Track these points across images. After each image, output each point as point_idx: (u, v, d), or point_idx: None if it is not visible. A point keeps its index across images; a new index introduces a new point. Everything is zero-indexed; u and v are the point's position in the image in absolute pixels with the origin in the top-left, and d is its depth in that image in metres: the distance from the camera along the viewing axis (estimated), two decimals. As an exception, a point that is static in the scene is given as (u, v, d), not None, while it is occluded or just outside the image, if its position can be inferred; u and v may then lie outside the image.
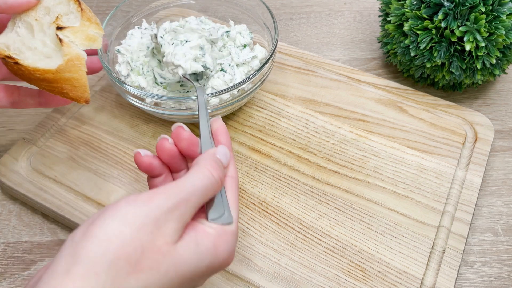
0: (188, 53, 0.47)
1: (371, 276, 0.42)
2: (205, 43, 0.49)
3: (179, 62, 0.46)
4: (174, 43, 0.48)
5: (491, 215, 0.49)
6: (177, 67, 0.47)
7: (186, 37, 0.48)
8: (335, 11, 0.72)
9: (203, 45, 0.49)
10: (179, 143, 0.35)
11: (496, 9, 0.48)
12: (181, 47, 0.47)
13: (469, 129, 0.52)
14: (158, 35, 0.49)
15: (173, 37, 0.48)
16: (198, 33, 0.49)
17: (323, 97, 0.56)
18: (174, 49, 0.47)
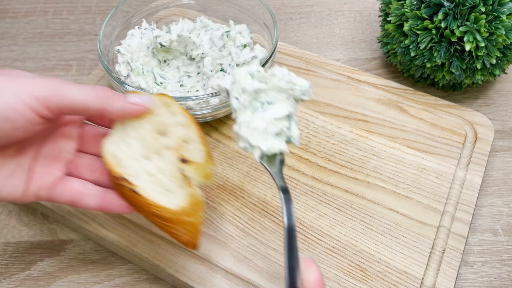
0: (270, 127, 0.35)
1: (371, 276, 0.42)
2: (293, 107, 0.36)
3: (257, 143, 0.34)
4: (253, 105, 0.35)
5: (491, 215, 0.49)
6: (253, 148, 0.34)
7: (269, 98, 0.35)
8: (335, 11, 0.72)
9: (291, 112, 0.36)
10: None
11: (496, 9, 0.48)
12: (262, 115, 0.35)
13: (469, 129, 0.52)
14: (232, 95, 0.35)
15: (253, 98, 0.35)
16: (287, 93, 0.36)
17: (323, 97, 0.55)
18: (252, 118, 0.34)
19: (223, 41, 0.53)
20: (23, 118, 0.31)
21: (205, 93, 0.50)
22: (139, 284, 0.44)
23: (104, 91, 0.34)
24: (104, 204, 0.36)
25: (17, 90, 0.31)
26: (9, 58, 0.65)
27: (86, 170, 0.38)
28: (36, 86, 0.31)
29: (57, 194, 0.36)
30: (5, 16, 0.71)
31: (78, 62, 0.64)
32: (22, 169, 0.35)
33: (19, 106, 0.30)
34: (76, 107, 0.32)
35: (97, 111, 0.34)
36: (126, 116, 0.36)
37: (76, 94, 0.32)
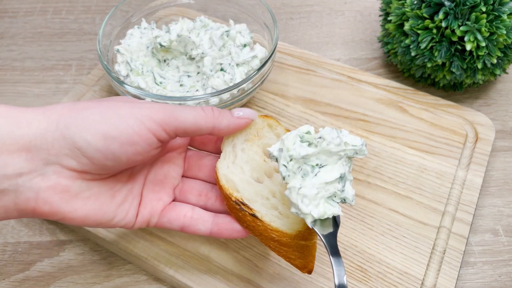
0: (322, 191, 0.32)
1: (371, 277, 0.42)
2: (346, 167, 0.34)
3: (309, 209, 0.32)
4: (302, 170, 0.33)
5: (492, 216, 0.48)
6: (305, 215, 0.32)
7: (320, 161, 0.33)
8: (335, 10, 0.72)
9: (344, 173, 0.33)
10: None
11: (497, 9, 0.48)
12: (312, 180, 0.33)
13: (470, 129, 0.52)
14: (280, 162, 0.33)
15: (302, 163, 0.33)
16: (338, 155, 0.33)
17: (324, 97, 0.55)
18: (302, 183, 0.32)
19: (223, 41, 0.53)
20: (145, 142, 0.32)
21: (205, 92, 0.50)
22: (138, 284, 0.44)
23: (212, 110, 0.36)
24: (216, 229, 0.37)
25: (138, 115, 0.32)
26: (8, 58, 0.65)
27: (193, 195, 0.39)
28: (154, 111, 0.33)
29: (168, 220, 0.37)
30: (4, 15, 0.71)
31: (77, 62, 0.64)
32: (133, 195, 0.36)
33: (141, 130, 0.32)
34: (189, 127, 0.34)
35: (208, 129, 0.35)
36: (234, 130, 0.37)
37: (188, 115, 0.34)
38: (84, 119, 0.31)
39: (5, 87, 0.61)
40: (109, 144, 0.31)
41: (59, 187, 0.31)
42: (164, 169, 0.38)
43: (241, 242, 0.44)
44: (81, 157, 0.31)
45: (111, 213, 0.34)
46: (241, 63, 0.51)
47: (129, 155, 0.32)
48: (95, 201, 0.33)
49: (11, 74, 0.63)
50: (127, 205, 0.35)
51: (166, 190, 0.38)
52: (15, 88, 0.61)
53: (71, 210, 0.32)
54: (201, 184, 0.39)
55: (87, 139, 0.31)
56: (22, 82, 0.62)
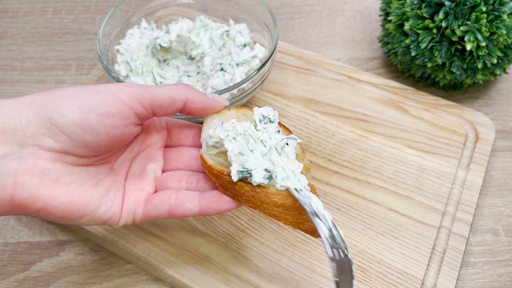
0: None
1: (371, 277, 0.41)
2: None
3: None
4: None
5: (492, 216, 0.48)
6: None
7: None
8: (335, 10, 0.71)
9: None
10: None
11: (497, 9, 0.48)
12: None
13: (470, 129, 0.52)
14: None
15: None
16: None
17: (324, 97, 0.55)
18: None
19: (223, 41, 0.53)
20: (121, 114, 0.32)
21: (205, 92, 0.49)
22: (138, 284, 0.44)
23: (186, 85, 0.36)
24: (205, 204, 0.35)
25: (113, 90, 0.32)
26: (8, 57, 0.65)
27: (174, 182, 0.38)
28: (129, 86, 0.33)
29: (154, 206, 0.36)
30: (4, 15, 0.71)
31: (77, 61, 0.64)
32: (117, 186, 0.36)
33: (116, 102, 0.32)
34: (164, 100, 0.34)
35: (182, 101, 0.35)
36: (206, 108, 0.37)
37: (162, 89, 0.35)
38: (58, 97, 0.31)
39: (4, 87, 0.61)
40: (86, 116, 0.31)
41: (38, 169, 0.30)
42: (144, 163, 0.38)
43: (240, 242, 0.44)
44: (59, 133, 0.30)
45: (95, 201, 0.33)
46: (241, 63, 0.51)
47: (107, 128, 0.32)
48: (77, 188, 0.32)
49: (10, 74, 0.63)
50: (112, 195, 0.35)
51: (148, 180, 0.38)
52: (14, 88, 0.61)
53: (53, 195, 0.30)
54: (180, 172, 0.39)
55: (63, 113, 0.30)
56: (21, 82, 0.62)
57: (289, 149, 0.36)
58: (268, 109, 0.38)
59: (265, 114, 0.38)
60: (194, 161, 0.39)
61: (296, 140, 0.37)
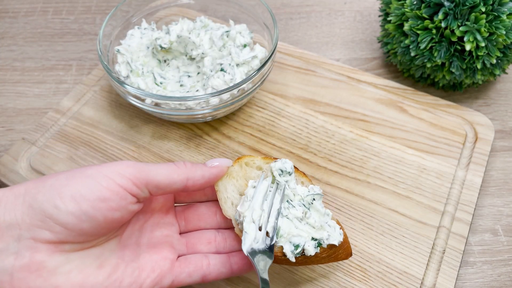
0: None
1: (371, 276, 0.42)
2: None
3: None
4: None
5: (492, 215, 0.48)
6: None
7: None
8: (335, 10, 0.72)
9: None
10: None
11: (497, 9, 0.48)
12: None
13: (470, 129, 0.52)
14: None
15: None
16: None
17: (323, 97, 0.55)
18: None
19: (223, 41, 0.53)
20: (117, 196, 0.31)
21: (205, 93, 0.50)
22: (139, 284, 0.44)
23: (185, 163, 0.35)
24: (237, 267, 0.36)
25: (106, 172, 0.32)
26: (9, 58, 0.65)
27: (202, 244, 0.38)
28: (122, 166, 0.32)
29: (187, 274, 0.35)
30: (5, 16, 0.71)
31: (77, 62, 0.64)
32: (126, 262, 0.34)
33: (110, 185, 0.31)
34: (161, 182, 0.33)
35: (182, 181, 0.34)
36: (210, 180, 0.36)
37: (159, 169, 0.33)
38: (50, 186, 0.30)
39: (5, 87, 0.61)
40: (80, 204, 0.30)
41: (34, 264, 0.29)
42: (155, 232, 0.37)
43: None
44: (54, 225, 0.29)
45: (99, 285, 0.31)
46: (241, 63, 0.51)
47: (104, 212, 0.30)
48: (78, 275, 0.31)
49: (11, 74, 0.63)
50: (120, 273, 0.33)
51: (167, 248, 0.36)
52: (15, 88, 0.61)
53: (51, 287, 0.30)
54: (206, 233, 0.38)
55: (56, 204, 0.29)
56: (22, 82, 0.62)
57: (317, 204, 0.38)
58: (284, 161, 0.38)
59: (282, 168, 0.38)
60: (215, 217, 0.39)
61: (321, 195, 0.38)
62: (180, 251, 0.37)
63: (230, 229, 0.39)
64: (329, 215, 0.38)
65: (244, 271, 0.37)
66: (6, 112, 0.58)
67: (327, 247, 0.36)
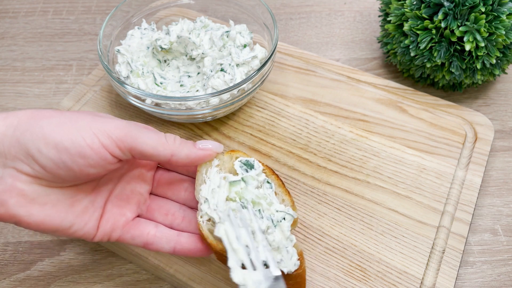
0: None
1: (371, 276, 0.42)
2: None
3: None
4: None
5: (491, 215, 0.49)
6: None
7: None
8: (335, 11, 0.72)
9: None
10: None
11: (496, 9, 0.48)
12: None
13: (469, 129, 0.52)
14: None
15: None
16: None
17: (323, 97, 0.55)
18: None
19: (223, 41, 0.53)
20: (97, 155, 0.32)
21: (205, 93, 0.50)
22: (139, 284, 0.44)
23: (175, 138, 0.35)
24: (180, 247, 0.36)
25: (94, 128, 0.32)
26: (9, 58, 0.65)
27: (160, 214, 0.38)
28: (112, 126, 0.33)
29: (131, 236, 0.37)
30: (5, 16, 0.71)
31: (78, 62, 0.64)
32: (94, 207, 0.36)
33: (94, 143, 0.32)
34: (146, 151, 0.33)
35: (166, 156, 0.34)
36: (194, 161, 0.36)
37: (147, 138, 0.33)
38: (40, 128, 0.31)
39: (5, 87, 0.61)
40: (60, 154, 0.31)
41: (15, 190, 0.31)
42: (131, 185, 0.38)
43: (241, 241, 0.44)
44: (34, 164, 0.31)
45: (68, 221, 0.34)
46: (241, 64, 0.51)
47: (81, 166, 0.32)
48: (52, 208, 0.33)
49: (11, 74, 0.63)
50: (87, 216, 0.35)
51: (131, 206, 0.38)
52: (15, 88, 0.61)
53: (27, 214, 0.32)
54: (169, 203, 0.39)
55: (39, 147, 0.31)
56: (22, 82, 0.62)
57: (285, 225, 0.36)
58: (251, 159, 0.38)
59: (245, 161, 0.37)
60: (183, 192, 0.39)
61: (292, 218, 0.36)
62: (141, 211, 0.38)
63: (194, 209, 0.39)
64: (293, 241, 0.36)
65: (186, 255, 0.37)
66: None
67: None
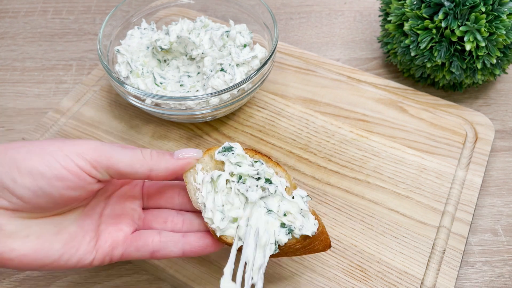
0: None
1: (371, 276, 0.42)
2: None
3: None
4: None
5: (492, 215, 0.48)
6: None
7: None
8: (335, 10, 0.72)
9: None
10: None
11: (497, 9, 0.48)
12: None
13: (470, 129, 0.52)
14: None
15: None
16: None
17: (323, 97, 0.55)
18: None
19: (223, 41, 0.53)
20: (75, 177, 0.31)
21: (205, 93, 0.50)
22: (139, 284, 0.44)
23: (152, 153, 0.34)
24: (189, 248, 0.35)
25: (66, 151, 0.31)
26: (9, 58, 0.65)
27: (158, 223, 0.37)
28: (85, 148, 0.32)
29: (136, 248, 0.35)
30: (5, 16, 0.71)
31: (77, 62, 0.64)
32: (85, 230, 0.34)
33: (69, 165, 0.31)
34: (122, 169, 0.33)
35: (144, 173, 0.34)
36: (175, 172, 0.35)
37: (122, 156, 0.33)
38: (11, 158, 0.30)
39: (5, 87, 0.61)
40: (37, 181, 0.30)
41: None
42: (121, 204, 0.37)
43: (241, 241, 0.44)
44: (11, 196, 0.30)
45: (55, 251, 0.32)
46: (241, 63, 0.51)
47: (60, 190, 0.31)
48: (35, 239, 0.31)
49: (11, 74, 0.63)
50: (76, 242, 0.33)
51: (126, 221, 0.37)
52: (15, 88, 0.61)
53: (7, 249, 0.30)
54: (165, 212, 0.38)
55: (13, 177, 0.30)
56: (22, 82, 0.62)
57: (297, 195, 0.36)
58: (226, 144, 0.37)
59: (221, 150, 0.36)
60: (177, 197, 0.38)
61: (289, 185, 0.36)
62: (138, 225, 0.37)
63: (191, 212, 0.38)
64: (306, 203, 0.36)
65: (197, 253, 0.36)
66: (6, 112, 0.58)
67: (301, 238, 0.35)
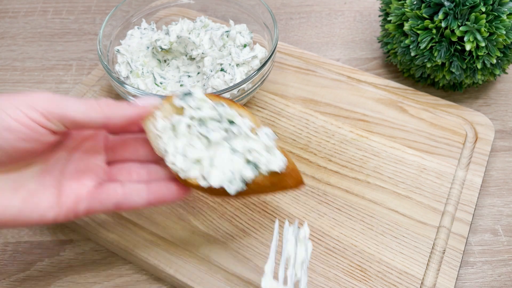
0: None
1: (371, 276, 0.42)
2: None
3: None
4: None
5: (492, 215, 0.48)
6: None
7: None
8: (335, 10, 0.72)
9: None
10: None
11: (497, 9, 0.48)
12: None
13: (470, 129, 0.52)
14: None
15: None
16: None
17: (323, 97, 0.55)
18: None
19: (223, 41, 0.53)
20: (26, 128, 0.30)
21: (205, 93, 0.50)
22: (139, 284, 0.44)
23: (107, 101, 0.34)
24: (153, 197, 0.35)
25: (15, 102, 0.31)
26: (9, 58, 0.65)
27: (122, 175, 0.37)
28: (35, 98, 0.31)
29: (99, 202, 0.35)
30: (5, 16, 0.71)
31: (77, 62, 0.64)
32: (45, 186, 0.34)
33: (18, 116, 0.30)
34: (77, 118, 0.32)
35: (100, 120, 0.33)
36: (133, 120, 0.34)
37: (77, 106, 0.32)
38: None
39: (5, 87, 0.61)
40: None
41: None
42: (83, 160, 0.36)
43: (241, 242, 0.44)
44: None
45: (13, 207, 0.32)
46: (241, 63, 0.51)
47: (12, 143, 0.30)
48: None
49: (11, 74, 0.63)
50: (36, 198, 0.33)
51: (90, 176, 0.36)
52: (15, 88, 0.61)
53: None
54: (129, 164, 0.37)
55: None
56: (22, 82, 0.62)
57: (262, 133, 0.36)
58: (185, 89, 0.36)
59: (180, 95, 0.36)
60: (141, 149, 0.38)
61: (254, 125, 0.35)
62: (102, 180, 0.37)
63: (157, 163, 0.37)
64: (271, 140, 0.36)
65: (163, 201, 0.35)
66: (6, 112, 0.58)
67: (269, 175, 0.34)
